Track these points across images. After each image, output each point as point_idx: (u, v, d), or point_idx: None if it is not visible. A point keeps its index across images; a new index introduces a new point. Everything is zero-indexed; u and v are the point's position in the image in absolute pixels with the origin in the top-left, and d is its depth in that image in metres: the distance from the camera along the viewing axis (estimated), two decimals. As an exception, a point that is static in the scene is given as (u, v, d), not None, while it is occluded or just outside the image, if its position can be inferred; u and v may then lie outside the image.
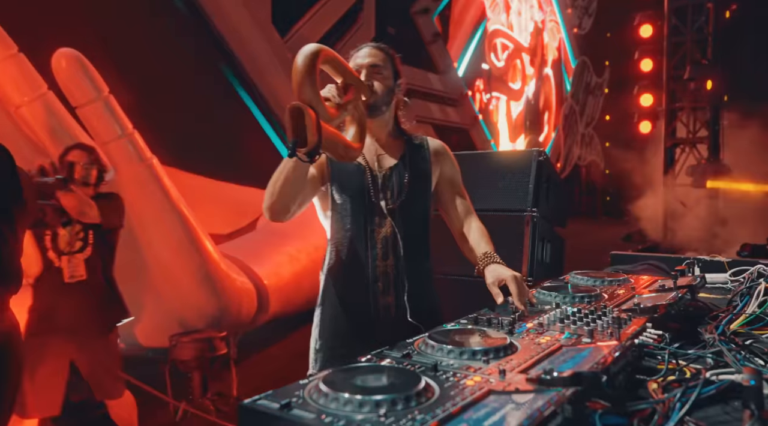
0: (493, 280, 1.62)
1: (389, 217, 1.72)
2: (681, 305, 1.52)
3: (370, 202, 1.72)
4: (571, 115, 15.04)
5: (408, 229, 1.74)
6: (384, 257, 1.72)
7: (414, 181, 1.77)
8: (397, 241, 1.72)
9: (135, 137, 3.58)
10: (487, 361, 1.08)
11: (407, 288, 1.72)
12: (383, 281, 1.72)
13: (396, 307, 1.72)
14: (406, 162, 1.79)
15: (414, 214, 1.77)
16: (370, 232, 1.72)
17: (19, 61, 3.32)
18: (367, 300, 1.71)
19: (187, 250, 3.77)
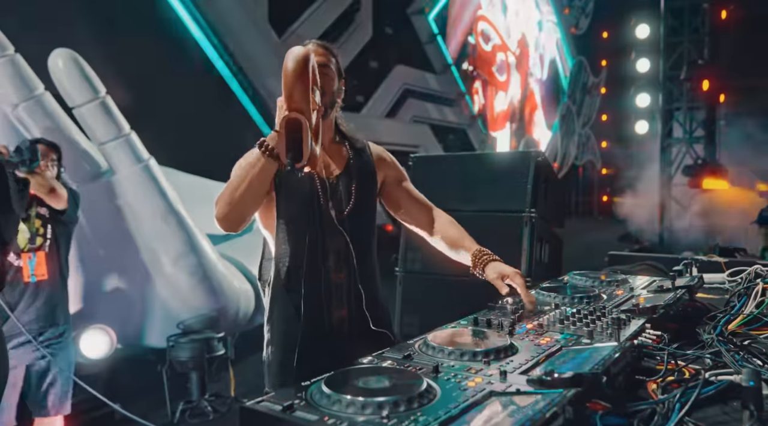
0: (497, 275, 1.61)
1: (340, 226, 1.63)
2: (679, 306, 1.53)
3: (319, 211, 1.62)
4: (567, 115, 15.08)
5: (359, 238, 1.66)
6: (337, 269, 1.64)
7: (361, 187, 1.69)
8: (349, 251, 1.64)
9: (132, 137, 3.57)
10: (487, 362, 1.09)
11: (364, 298, 1.65)
12: (336, 294, 1.64)
13: (349, 319, 1.65)
14: (352, 168, 1.70)
15: (363, 222, 1.70)
16: (321, 243, 1.62)
17: (16, 61, 3.31)
18: (320, 313, 1.62)
19: (184, 251, 3.77)
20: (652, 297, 1.59)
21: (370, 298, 1.67)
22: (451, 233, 1.78)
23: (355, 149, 1.76)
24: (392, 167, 1.83)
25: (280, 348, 1.65)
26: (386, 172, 1.81)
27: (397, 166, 1.85)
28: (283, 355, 1.63)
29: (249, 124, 5.58)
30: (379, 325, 1.66)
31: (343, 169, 1.70)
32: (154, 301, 3.80)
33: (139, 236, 3.69)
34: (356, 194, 1.68)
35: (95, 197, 3.63)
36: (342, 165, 1.71)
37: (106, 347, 3.47)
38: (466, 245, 1.74)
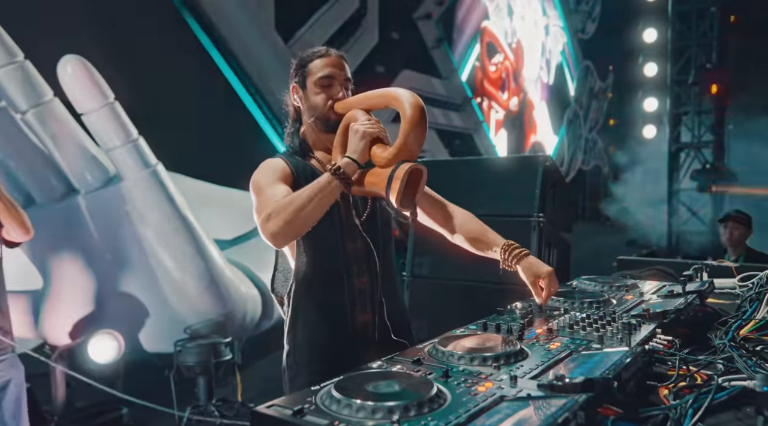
0: (533, 278, 1.60)
1: (358, 230, 1.65)
2: (690, 311, 1.52)
3: (340, 217, 1.64)
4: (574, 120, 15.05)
5: (378, 243, 1.68)
6: (359, 274, 1.65)
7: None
8: (371, 258, 1.66)
9: (140, 143, 3.59)
10: (498, 367, 1.08)
11: (385, 306, 1.66)
12: (360, 299, 1.65)
13: (373, 324, 1.66)
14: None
15: (382, 228, 1.72)
16: (343, 250, 1.64)
17: (26, 68, 3.34)
18: (344, 319, 1.63)
19: (191, 256, 3.78)
20: (662, 302, 1.58)
21: (392, 306, 1.69)
22: (472, 227, 1.77)
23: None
24: None
25: (303, 354, 1.64)
26: None
27: None
28: (307, 361, 1.63)
29: (255, 129, 5.60)
30: (400, 335, 1.67)
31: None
32: (162, 306, 3.81)
33: (146, 241, 3.71)
34: (373, 201, 1.69)
35: (103, 203, 3.65)
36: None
37: (114, 352, 3.48)
38: (491, 239, 1.73)
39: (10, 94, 3.33)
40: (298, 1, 6.37)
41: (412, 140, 1.45)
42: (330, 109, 1.66)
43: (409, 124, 1.45)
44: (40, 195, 3.62)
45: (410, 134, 1.45)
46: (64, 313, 3.79)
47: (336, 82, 1.66)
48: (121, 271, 3.79)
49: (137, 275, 3.77)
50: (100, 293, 3.81)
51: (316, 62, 1.68)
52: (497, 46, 10.92)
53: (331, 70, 1.66)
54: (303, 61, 1.72)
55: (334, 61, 1.68)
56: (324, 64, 1.67)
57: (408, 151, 1.46)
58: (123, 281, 3.80)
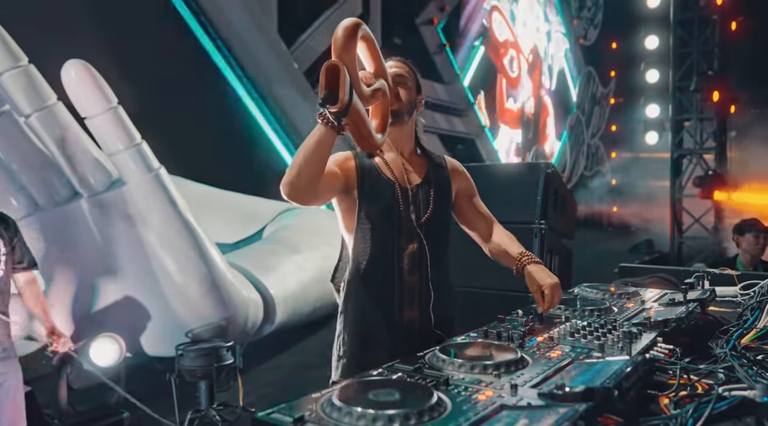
0: (536, 288, 1.66)
1: (418, 231, 1.74)
2: (691, 319, 1.52)
3: (399, 217, 1.74)
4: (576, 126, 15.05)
5: (434, 245, 1.77)
6: (410, 272, 1.74)
7: (438, 197, 1.81)
8: (424, 257, 1.74)
9: (143, 147, 3.59)
10: (498, 375, 1.09)
11: (432, 300, 1.74)
12: (408, 296, 1.74)
13: (420, 320, 1.75)
14: (431, 179, 1.83)
15: (439, 230, 1.81)
16: (397, 247, 1.73)
17: (30, 72, 3.35)
18: (392, 313, 1.73)
19: (193, 260, 3.78)
20: (663, 310, 1.58)
21: (439, 301, 1.76)
22: (504, 241, 1.88)
23: (432, 162, 1.89)
24: (465, 180, 1.96)
25: (351, 341, 1.74)
26: (459, 184, 1.93)
27: (470, 180, 1.97)
28: (354, 349, 1.73)
29: (258, 133, 5.62)
30: (441, 329, 1.75)
31: (423, 179, 1.82)
32: (164, 309, 3.81)
33: (148, 245, 3.71)
34: (434, 203, 1.79)
35: (106, 206, 3.66)
36: (421, 175, 1.83)
37: (115, 356, 3.48)
38: (513, 250, 1.83)
39: (13, 97, 3.34)
40: (301, 6, 6.39)
41: (338, 50, 1.46)
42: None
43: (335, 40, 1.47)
44: (43, 198, 3.63)
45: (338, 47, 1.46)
46: (66, 316, 3.80)
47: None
48: (123, 275, 3.79)
49: (139, 279, 3.77)
50: (102, 296, 3.81)
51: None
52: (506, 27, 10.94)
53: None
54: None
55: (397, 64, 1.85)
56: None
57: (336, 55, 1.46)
58: (125, 285, 3.80)
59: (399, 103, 1.76)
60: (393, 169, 1.77)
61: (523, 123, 11.72)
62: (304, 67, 6.09)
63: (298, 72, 6.05)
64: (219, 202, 4.66)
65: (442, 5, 9.27)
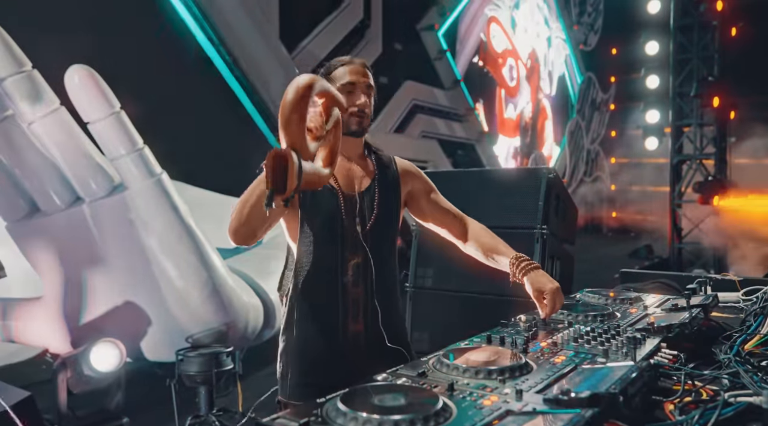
0: (537, 294, 1.62)
1: (362, 239, 1.66)
2: (695, 325, 1.52)
3: (342, 226, 1.65)
4: (576, 131, 15.08)
5: (379, 253, 1.68)
6: (354, 284, 1.65)
7: (383, 201, 1.71)
8: (368, 267, 1.66)
9: (145, 152, 3.60)
10: (503, 380, 1.08)
11: (380, 314, 1.66)
12: (353, 309, 1.65)
13: (366, 334, 1.66)
14: (376, 183, 1.73)
15: (384, 237, 1.71)
16: (341, 258, 1.64)
17: (33, 77, 3.36)
18: (335, 328, 1.64)
19: (194, 265, 3.78)
20: (666, 316, 1.58)
21: (387, 314, 1.68)
22: (484, 239, 1.80)
23: (381, 163, 1.79)
24: (419, 180, 1.85)
25: (294, 358, 1.67)
26: (412, 185, 1.83)
27: (424, 179, 1.87)
28: (297, 366, 1.65)
29: (260, 139, 5.63)
30: (395, 342, 1.67)
31: (368, 185, 1.72)
32: (164, 314, 3.80)
33: (150, 250, 3.71)
34: (378, 209, 1.69)
35: (108, 211, 3.66)
36: (368, 180, 1.73)
37: (115, 361, 3.47)
38: (502, 250, 1.75)
39: (17, 103, 3.35)
40: (302, 12, 6.43)
41: (286, 124, 1.28)
42: (350, 115, 1.66)
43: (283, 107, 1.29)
44: (45, 203, 3.63)
45: (285, 118, 1.29)
46: (66, 321, 3.79)
47: (358, 88, 1.68)
48: (124, 280, 3.79)
49: (140, 284, 3.77)
50: (102, 301, 3.81)
51: (340, 70, 1.70)
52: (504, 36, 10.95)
53: (353, 77, 1.68)
54: (327, 70, 1.73)
55: (356, 69, 1.70)
56: (346, 72, 1.69)
57: (285, 137, 1.29)
58: (126, 290, 3.79)
59: (367, 118, 1.68)
60: (337, 177, 1.68)
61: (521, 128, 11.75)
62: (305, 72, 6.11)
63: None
64: (220, 207, 4.65)
65: (443, 11, 9.31)
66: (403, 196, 1.81)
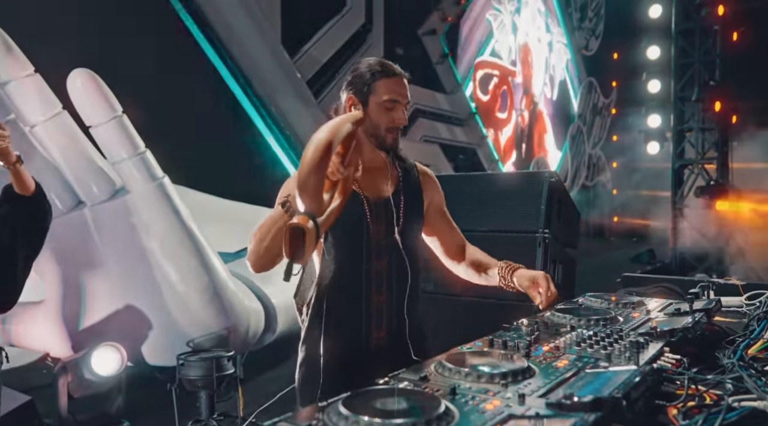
0: (529, 283, 1.64)
1: (389, 247, 1.65)
2: (698, 329, 1.51)
3: (366, 232, 1.64)
4: (577, 136, 15.09)
5: (403, 261, 1.67)
6: (378, 291, 1.65)
7: (408, 209, 1.71)
8: (392, 274, 1.65)
9: (147, 156, 3.61)
10: (505, 384, 1.08)
11: (408, 324, 1.66)
12: (376, 316, 1.65)
13: (389, 341, 1.66)
14: (401, 190, 1.72)
15: (409, 244, 1.70)
16: (365, 265, 1.63)
17: (36, 81, 3.37)
18: (359, 335, 1.64)
19: (195, 269, 3.78)
20: (669, 320, 1.57)
21: (411, 324, 1.68)
22: (477, 257, 1.82)
23: (404, 169, 1.77)
24: (437, 193, 1.85)
25: (315, 367, 1.65)
26: (432, 197, 1.83)
27: (441, 193, 1.87)
28: (318, 375, 1.64)
29: (261, 143, 5.64)
30: (418, 350, 1.68)
31: (394, 191, 1.71)
32: (165, 319, 3.80)
33: (151, 254, 3.71)
34: (404, 217, 1.69)
35: (109, 215, 3.66)
36: (392, 186, 1.72)
37: (116, 365, 3.47)
38: (490, 263, 1.78)
39: (19, 106, 3.36)
40: (304, 17, 6.44)
41: (303, 185, 1.29)
42: (388, 131, 1.64)
43: (302, 166, 1.30)
44: (47, 207, 3.64)
45: (303, 178, 1.29)
46: (67, 325, 3.79)
47: (400, 106, 1.64)
48: (126, 284, 3.79)
49: (141, 288, 3.77)
50: (103, 305, 3.81)
51: (382, 83, 1.62)
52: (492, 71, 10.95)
53: (396, 95, 1.63)
54: (367, 76, 1.63)
55: (399, 85, 1.64)
56: (392, 86, 1.63)
57: (302, 200, 1.31)
58: (127, 293, 3.79)
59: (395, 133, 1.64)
60: (362, 183, 1.65)
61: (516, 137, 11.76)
62: (306, 76, 6.12)
63: (301, 82, 6.09)
64: (221, 211, 4.66)
65: (444, 16, 9.33)
66: (426, 203, 1.81)
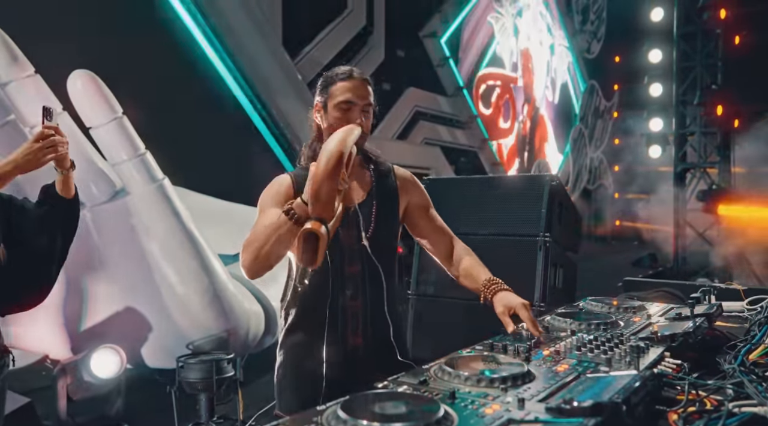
0: (503, 309, 1.59)
1: (360, 252, 1.65)
2: (699, 334, 1.51)
3: (340, 242, 1.63)
4: (579, 139, 15.09)
5: (377, 265, 1.66)
6: (353, 297, 1.64)
7: (381, 213, 1.70)
8: (367, 280, 1.65)
9: (147, 157, 3.61)
10: (505, 389, 1.08)
11: (379, 328, 1.66)
12: (352, 322, 1.64)
13: (365, 349, 1.66)
14: (374, 194, 1.71)
15: (383, 248, 1.69)
16: (339, 270, 1.63)
17: (36, 82, 3.38)
18: (335, 341, 1.63)
19: (195, 271, 3.78)
20: (670, 325, 1.57)
21: (387, 328, 1.67)
22: (464, 263, 1.78)
23: (379, 172, 1.76)
24: (417, 193, 1.83)
25: (291, 372, 1.66)
26: (411, 197, 1.81)
27: (423, 193, 1.85)
28: (294, 380, 1.65)
29: (262, 144, 5.64)
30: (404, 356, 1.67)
31: (366, 196, 1.71)
32: (165, 321, 3.80)
33: (151, 256, 3.71)
34: (376, 221, 1.68)
35: (109, 216, 3.66)
36: (365, 190, 1.72)
37: (115, 367, 3.47)
38: (476, 274, 1.73)
39: (19, 107, 3.36)
40: (305, 18, 6.45)
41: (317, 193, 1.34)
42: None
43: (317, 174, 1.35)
44: (47, 208, 3.64)
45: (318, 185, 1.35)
46: (66, 327, 3.79)
47: (356, 107, 1.64)
48: (125, 285, 3.79)
49: (141, 290, 3.77)
50: (102, 307, 3.81)
51: (339, 85, 1.65)
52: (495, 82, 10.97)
53: (351, 96, 1.64)
54: (327, 81, 1.68)
55: (356, 85, 1.65)
56: (346, 89, 1.64)
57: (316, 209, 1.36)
58: (126, 295, 3.79)
59: (364, 137, 1.64)
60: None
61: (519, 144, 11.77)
62: (308, 78, 6.13)
63: (302, 84, 6.09)
64: (221, 213, 4.67)
65: (445, 18, 9.34)
66: (402, 206, 1.79)
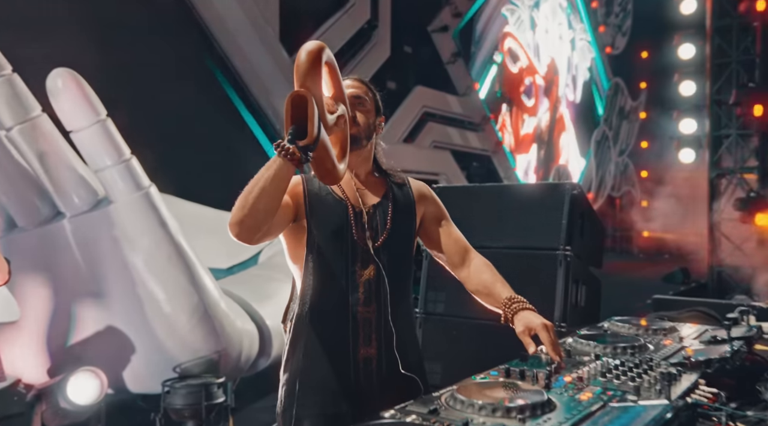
0: (523, 329, 1.60)
1: (374, 257, 1.69)
2: (737, 359, 1.50)
3: (352, 240, 1.69)
4: (603, 142, 15.09)
5: (393, 271, 1.70)
6: (366, 303, 1.68)
7: (398, 218, 1.76)
8: (381, 285, 1.68)
9: (133, 163, 3.63)
10: (523, 419, 1.08)
11: (395, 338, 1.68)
12: (365, 330, 1.67)
13: (378, 359, 1.68)
14: (389, 199, 1.78)
15: (398, 254, 1.75)
16: (351, 275, 1.68)
17: (13, 81, 3.41)
18: (346, 352, 1.66)
19: (184, 287, 3.78)
20: (705, 349, 1.57)
21: (402, 338, 1.70)
22: (483, 278, 1.80)
23: (394, 183, 1.84)
24: (433, 204, 1.90)
25: (301, 386, 1.66)
26: (426, 208, 1.88)
27: (438, 204, 1.91)
28: (304, 395, 1.65)
29: (256, 148, 5.67)
30: (409, 370, 1.68)
31: (380, 200, 1.77)
32: (150, 341, 3.80)
33: (135, 270, 3.72)
34: (392, 224, 1.74)
35: (90, 227, 3.68)
36: (379, 195, 1.78)
37: (95, 392, 3.47)
38: (497, 291, 1.75)
39: (-4, 109, 3.39)
40: (304, 13, 6.51)
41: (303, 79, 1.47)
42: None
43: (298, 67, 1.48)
44: (23, 218, 3.66)
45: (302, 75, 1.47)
46: (42, 347, 3.80)
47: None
48: (107, 303, 3.79)
49: (124, 307, 3.77)
50: (82, 326, 3.81)
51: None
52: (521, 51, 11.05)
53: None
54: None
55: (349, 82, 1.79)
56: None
57: (302, 85, 1.47)
58: (108, 314, 3.80)
59: (356, 127, 1.71)
60: (345, 190, 1.74)
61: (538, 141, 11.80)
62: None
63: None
64: (213, 223, 4.68)
65: (456, 11, 9.38)
66: (418, 216, 1.85)
